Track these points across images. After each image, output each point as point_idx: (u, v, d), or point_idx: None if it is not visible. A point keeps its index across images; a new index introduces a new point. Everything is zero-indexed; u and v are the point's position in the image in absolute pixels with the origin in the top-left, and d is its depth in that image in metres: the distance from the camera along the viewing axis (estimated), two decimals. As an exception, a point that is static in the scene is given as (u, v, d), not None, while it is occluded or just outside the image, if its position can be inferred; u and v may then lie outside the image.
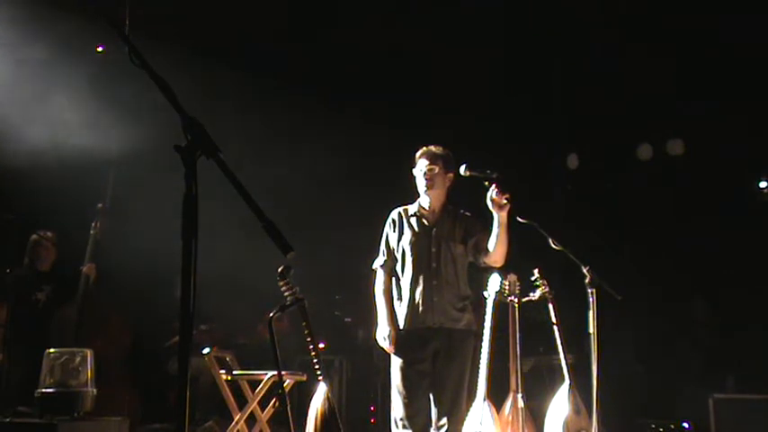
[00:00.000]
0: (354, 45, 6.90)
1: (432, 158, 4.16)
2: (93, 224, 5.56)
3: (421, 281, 4.09)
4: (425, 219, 4.21)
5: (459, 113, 7.04)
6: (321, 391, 3.79)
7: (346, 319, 7.76)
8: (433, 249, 4.12)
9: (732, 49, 6.36)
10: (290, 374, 4.59)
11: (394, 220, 4.26)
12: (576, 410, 4.39)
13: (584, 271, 4.22)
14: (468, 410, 4.06)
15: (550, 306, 4.50)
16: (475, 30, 6.63)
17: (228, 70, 6.56)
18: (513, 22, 6.61)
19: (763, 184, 7.35)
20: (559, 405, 4.42)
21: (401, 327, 4.10)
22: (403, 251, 4.17)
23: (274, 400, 4.27)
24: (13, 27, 5.61)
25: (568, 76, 7.06)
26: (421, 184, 4.19)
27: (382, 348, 4.16)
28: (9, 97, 5.68)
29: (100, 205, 5.60)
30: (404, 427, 4.02)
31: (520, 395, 4.19)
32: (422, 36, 6.68)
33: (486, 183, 3.95)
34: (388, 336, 4.06)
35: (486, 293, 4.24)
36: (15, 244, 5.76)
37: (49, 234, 5.76)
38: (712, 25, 6.24)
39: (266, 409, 4.58)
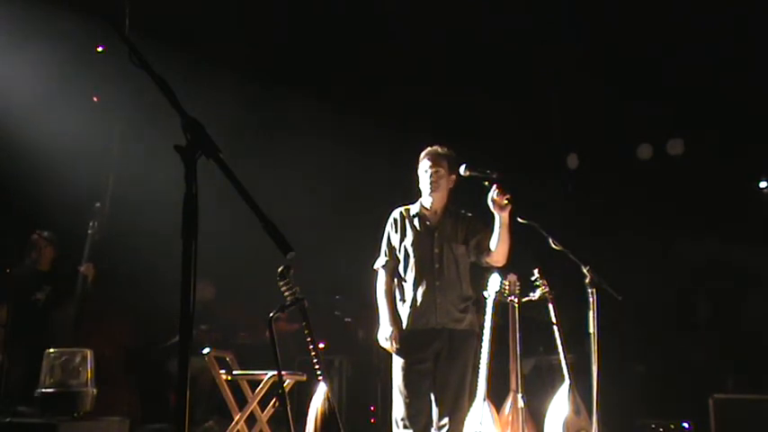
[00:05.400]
0: (355, 45, 6.91)
1: (436, 160, 4.15)
2: (90, 224, 5.55)
3: (424, 282, 4.08)
4: (428, 219, 4.20)
5: (459, 113, 7.04)
6: (321, 391, 3.78)
7: (346, 319, 7.76)
8: (436, 250, 4.12)
9: (732, 49, 6.36)
10: (290, 374, 4.59)
11: (396, 220, 4.25)
12: (576, 410, 4.38)
13: (585, 271, 4.23)
14: (469, 411, 4.06)
15: (550, 306, 4.49)
16: (474, 29, 6.63)
17: (232, 70, 6.56)
18: (512, 22, 6.61)
19: (763, 184, 7.34)
20: (559, 405, 4.42)
21: (404, 327, 4.10)
22: (405, 252, 4.16)
23: (274, 400, 4.27)
24: (15, 28, 5.62)
25: (568, 75, 7.06)
26: (425, 185, 4.18)
27: (383, 348, 4.15)
28: (10, 98, 5.68)
29: (98, 205, 5.59)
30: (405, 426, 4.02)
31: (520, 395, 4.19)
32: (423, 36, 6.69)
33: (487, 183, 3.95)
34: (391, 336, 4.05)
35: (486, 293, 4.24)
36: (15, 244, 5.76)
37: (47, 233, 5.76)
38: (712, 25, 6.24)
39: (266, 409, 4.58)
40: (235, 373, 4.73)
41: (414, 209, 4.25)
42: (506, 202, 3.92)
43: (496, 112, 7.26)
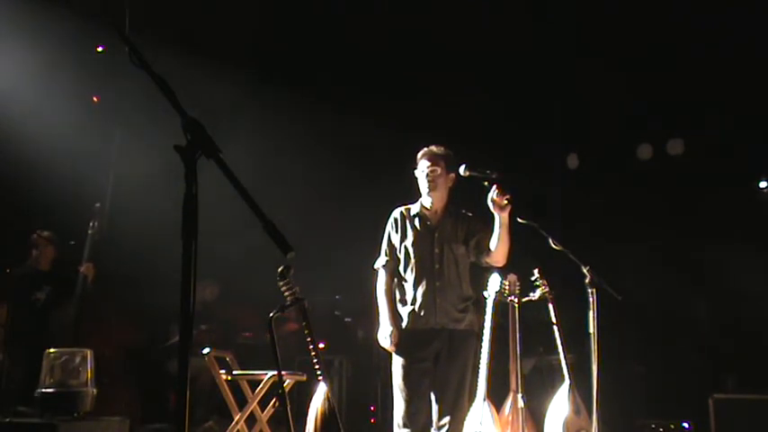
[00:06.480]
0: (355, 45, 6.91)
1: (433, 159, 4.15)
2: (90, 224, 5.56)
3: (424, 282, 4.08)
4: (428, 220, 4.20)
5: (459, 113, 7.04)
6: (321, 391, 3.78)
7: (346, 319, 7.76)
8: (436, 251, 4.12)
9: (732, 50, 6.36)
10: (290, 374, 4.59)
11: (396, 220, 4.25)
12: (576, 410, 4.39)
13: (585, 271, 4.23)
14: (468, 410, 4.06)
15: (550, 306, 4.49)
16: (474, 29, 6.63)
17: (233, 69, 6.56)
18: (513, 22, 6.61)
19: (763, 184, 7.34)
20: (559, 405, 4.42)
21: (404, 327, 4.10)
22: (405, 252, 4.17)
23: (274, 400, 4.27)
24: (15, 27, 5.62)
25: (568, 75, 7.06)
26: (423, 185, 4.18)
27: (383, 348, 4.15)
28: (10, 98, 5.68)
29: (97, 205, 5.60)
30: (404, 426, 4.01)
31: (520, 395, 4.19)
32: (423, 36, 6.69)
33: (486, 183, 3.95)
34: (390, 335, 4.06)
35: (486, 293, 4.24)
36: (15, 244, 5.77)
37: (47, 233, 5.76)
38: (712, 26, 6.24)
39: (266, 409, 4.58)
40: (235, 373, 4.73)
41: (414, 209, 4.25)
42: (506, 202, 3.92)
43: (496, 112, 7.26)
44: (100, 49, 5.97)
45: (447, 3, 6.50)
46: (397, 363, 4.11)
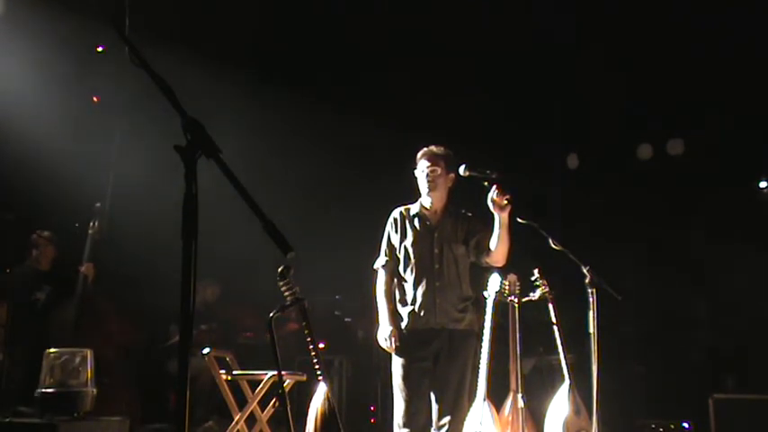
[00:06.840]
0: (356, 44, 6.91)
1: (433, 159, 4.15)
2: (90, 224, 5.56)
3: (424, 282, 4.08)
4: (428, 220, 4.20)
5: (459, 113, 7.04)
6: (321, 391, 3.78)
7: (346, 320, 7.76)
8: (436, 251, 4.11)
9: (732, 50, 6.36)
10: (290, 374, 4.59)
11: (396, 219, 4.25)
12: (576, 410, 4.38)
13: (585, 271, 4.23)
14: (468, 410, 4.06)
15: (550, 306, 4.49)
16: (474, 29, 6.63)
17: (233, 69, 6.57)
18: (513, 22, 6.61)
19: (763, 184, 7.35)
20: (559, 405, 4.42)
21: (403, 327, 4.10)
22: (405, 252, 4.16)
23: (274, 400, 4.27)
24: (15, 28, 5.62)
25: (568, 75, 7.06)
26: (423, 185, 4.18)
27: (383, 348, 4.15)
28: (10, 98, 5.68)
29: (98, 205, 5.60)
30: (404, 425, 4.01)
31: (520, 395, 4.19)
32: (423, 36, 6.69)
33: (486, 183, 3.94)
34: (390, 336, 4.06)
35: (486, 293, 4.24)
36: (15, 244, 5.76)
37: (47, 233, 5.76)
38: (712, 26, 6.24)
39: (266, 409, 4.58)
40: (235, 373, 4.73)
41: (414, 209, 4.25)
42: (506, 202, 3.91)
43: (496, 112, 7.26)
44: (100, 49, 5.98)
45: (447, 3, 6.49)
46: (397, 363, 4.10)
